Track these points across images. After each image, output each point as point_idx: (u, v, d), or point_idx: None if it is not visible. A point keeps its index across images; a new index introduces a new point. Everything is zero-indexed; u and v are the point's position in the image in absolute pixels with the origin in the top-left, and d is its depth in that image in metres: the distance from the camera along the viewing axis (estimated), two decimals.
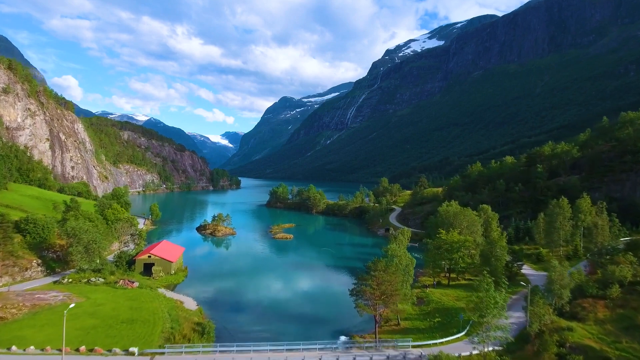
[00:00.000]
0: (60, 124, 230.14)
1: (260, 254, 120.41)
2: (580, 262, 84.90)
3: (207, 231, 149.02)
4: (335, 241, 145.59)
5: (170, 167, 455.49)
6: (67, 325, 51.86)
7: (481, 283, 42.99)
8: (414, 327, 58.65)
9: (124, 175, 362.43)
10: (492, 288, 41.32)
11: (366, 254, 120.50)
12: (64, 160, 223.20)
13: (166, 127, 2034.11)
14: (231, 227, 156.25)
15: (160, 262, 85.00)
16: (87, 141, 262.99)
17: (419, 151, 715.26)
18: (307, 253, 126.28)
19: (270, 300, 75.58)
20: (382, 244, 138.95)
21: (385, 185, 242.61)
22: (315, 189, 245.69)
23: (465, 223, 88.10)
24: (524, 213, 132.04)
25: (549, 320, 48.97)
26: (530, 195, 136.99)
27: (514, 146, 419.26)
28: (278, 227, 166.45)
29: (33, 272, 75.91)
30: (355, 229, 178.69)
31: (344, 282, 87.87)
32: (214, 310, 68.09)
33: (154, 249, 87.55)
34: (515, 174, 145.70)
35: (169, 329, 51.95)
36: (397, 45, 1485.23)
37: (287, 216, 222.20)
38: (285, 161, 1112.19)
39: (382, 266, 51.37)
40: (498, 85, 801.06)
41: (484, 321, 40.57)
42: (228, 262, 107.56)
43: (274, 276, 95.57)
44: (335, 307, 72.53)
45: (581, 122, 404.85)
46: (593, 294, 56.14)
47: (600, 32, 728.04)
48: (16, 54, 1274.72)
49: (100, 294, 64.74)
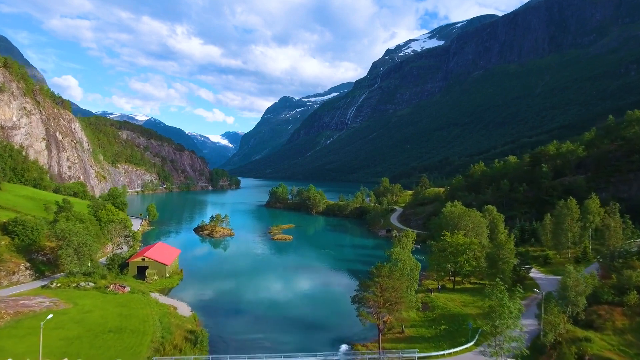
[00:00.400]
0: (57, 123, 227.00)
1: (259, 255, 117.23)
2: (590, 265, 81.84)
3: (205, 232, 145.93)
4: (335, 242, 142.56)
5: (169, 167, 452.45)
6: (50, 334, 48.80)
7: (493, 291, 39.87)
8: (419, 335, 55.53)
9: (122, 175, 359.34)
10: (505, 296, 38.25)
11: (367, 256, 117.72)
12: (61, 160, 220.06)
13: (166, 127, 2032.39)
14: (229, 227, 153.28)
15: (155, 265, 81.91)
16: (85, 141, 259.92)
17: (419, 151, 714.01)
18: (306, 255, 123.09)
19: (268, 305, 72.50)
20: (384, 245, 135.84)
21: (386, 185, 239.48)
22: (315, 189, 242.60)
23: (470, 225, 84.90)
24: (529, 214, 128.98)
25: (564, 329, 45.89)
26: (534, 196, 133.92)
27: (515, 146, 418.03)
28: (277, 228, 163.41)
29: (21, 276, 72.78)
30: (355, 230, 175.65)
31: (345, 286, 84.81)
32: (209, 316, 65.03)
33: (148, 252, 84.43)
34: (519, 173, 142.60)
35: (159, 338, 48.82)
36: (397, 45, 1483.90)
37: (287, 217, 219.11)
38: (285, 161, 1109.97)
39: (386, 271, 48.26)
40: (498, 85, 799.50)
41: (497, 332, 37.47)
42: (225, 265, 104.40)
43: (272, 279, 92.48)
44: (336, 312, 69.46)
45: (582, 122, 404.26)
46: (609, 301, 53.07)
47: (600, 32, 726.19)
48: (16, 54, 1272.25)
49: (89, 299, 61.63)
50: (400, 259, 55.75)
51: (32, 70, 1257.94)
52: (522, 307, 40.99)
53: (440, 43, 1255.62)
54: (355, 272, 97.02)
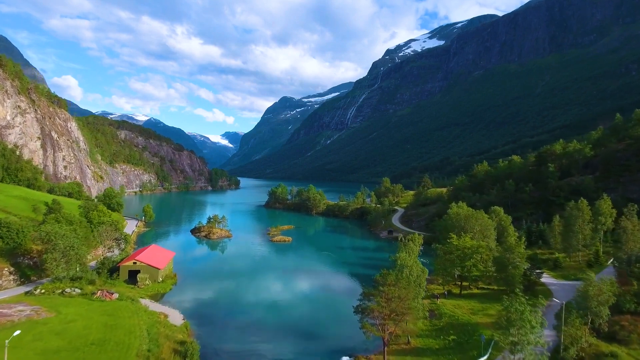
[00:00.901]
0: (53, 122, 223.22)
1: (256, 258, 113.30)
2: (603, 269, 78.08)
3: (202, 234, 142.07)
4: (336, 244, 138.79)
5: (168, 166, 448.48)
6: (27, 347, 45.00)
7: (512, 303, 36.01)
8: (427, 347, 51.66)
9: (120, 175, 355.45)
10: (526, 310, 34.46)
11: (369, 259, 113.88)
12: (56, 160, 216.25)
13: (166, 127, 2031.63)
14: (227, 229, 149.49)
15: (147, 269, 78.06)
16: (81, 140, 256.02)
17: (419, 151, 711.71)
18: (306, 257, 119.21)
19: (265, 312, 68.68)
20: (385, 247, 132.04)
21: (387, 185, 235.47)
22: (315, 189, 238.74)
23: (477, 227, 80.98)
24: (535, 215, 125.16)
25: (587, 343, 42.10)
26: (540, 196, 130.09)
27: (516, 146, 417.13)
28: (276, 229, 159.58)
29: (4, 281, 68.96)
30: (356, 231, 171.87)
31: (346, 291, 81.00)
32: (202, 324, 61.24)
33: (140, 255, 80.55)
34: (524, 173, 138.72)
35: (145, 351, 45.01)
36: (398, 45, 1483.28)
37: (286, 217, 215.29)
38: (285, 161, 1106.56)
39: (392, 280, 44.46)
40: (498, 85, 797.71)
41: (517, 350, 33.68)
42: (221, 268, 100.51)
43: (269, 283, 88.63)
44: (337, 319, 65.65)
45: (583, 122, 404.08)
46: (631, 310, 49.28)
47: (601, 32, 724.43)
48: (16, 54, 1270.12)
49: (73, 307, 57.77)
50: (406, 265, 51.91)
51: (31, 70, 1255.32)
52: (544, 320, 37.17)
53: (440, 43, 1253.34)
54: (357, 275, 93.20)
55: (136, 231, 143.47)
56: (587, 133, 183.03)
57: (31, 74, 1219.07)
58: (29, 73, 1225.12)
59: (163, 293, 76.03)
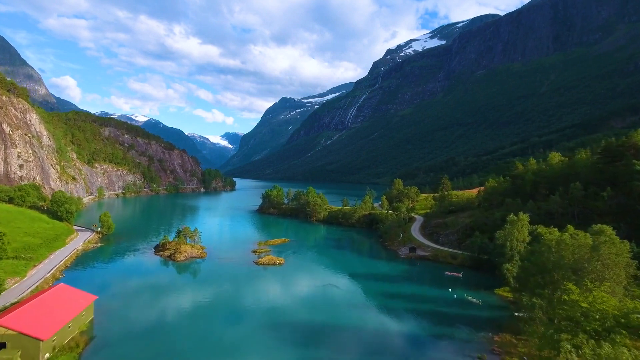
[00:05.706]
0: (5, 113, 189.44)
1: (230, 296, 78.41)
2: None
3: (166, 252, 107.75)
4: (343, 268, 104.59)
5: (156, 166, 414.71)
6: None
7: None
8: None
9: (100, 175, 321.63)
10: None
11: (393, 297, 78.52)
12: (8, 157, 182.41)
13: (165, 127, 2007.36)
14: (201, 244, 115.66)
15: (17, 340, 44.21)
16: (45, 135, 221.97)
17: (421, 151, 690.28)
18: (301, 293, 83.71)
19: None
20: (411, 274, 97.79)
21: (399, 187, 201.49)
22: (315, 192, 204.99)
23: (600, 266, 46.77)
24: (617, 230, 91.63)
25: None
26: (620, 203, 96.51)
27: (524, 145, 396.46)
28: (265, 245, 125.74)
29: None
30: (366, 245, 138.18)
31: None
32: None
33: (11, 314, 46.59)
34: (593, 172, 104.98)
35: None
36: (398, 44, 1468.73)
37: (281, 226, 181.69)
38: (285, 162, 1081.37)
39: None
40: (502, 84, 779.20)
41: None
42: (171, 317, 66.30)
43: (240, 355, 54.58)
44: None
45: (594, 120, 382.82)
46: None
47: (606, 30, 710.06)
48: (13, 53, 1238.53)
49: None
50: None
51: (28, 69, 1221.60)
52: None
53: (441, 43, 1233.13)
54: (380, 333, 59.09)
55: (81, 249, 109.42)
56: (601, 132, 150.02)
57: (28, 74, 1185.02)
58: (26, 72, 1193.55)
59: None
